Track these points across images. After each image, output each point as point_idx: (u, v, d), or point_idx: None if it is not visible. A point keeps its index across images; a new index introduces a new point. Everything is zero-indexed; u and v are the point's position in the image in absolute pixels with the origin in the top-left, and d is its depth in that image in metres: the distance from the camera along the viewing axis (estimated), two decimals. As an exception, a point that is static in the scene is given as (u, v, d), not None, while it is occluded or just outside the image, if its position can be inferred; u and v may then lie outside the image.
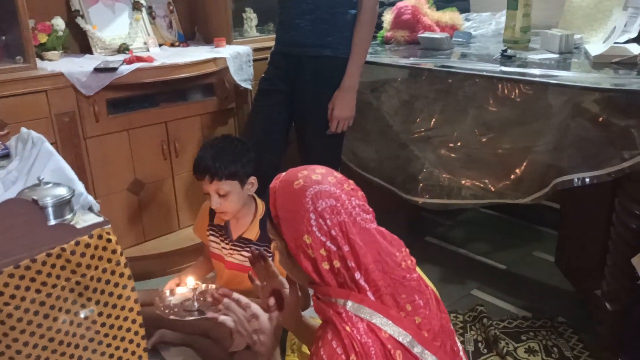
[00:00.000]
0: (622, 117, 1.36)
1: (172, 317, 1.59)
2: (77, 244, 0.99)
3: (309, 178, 1.13)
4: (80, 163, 2.11)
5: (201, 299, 1.63)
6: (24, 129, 1.27)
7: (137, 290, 1.87)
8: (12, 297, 0.95)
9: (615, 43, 1.75)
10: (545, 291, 2.09)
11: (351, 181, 1.22)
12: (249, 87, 2.48)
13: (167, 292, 1.69)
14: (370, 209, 1.21)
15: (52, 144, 1.98)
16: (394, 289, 1.08)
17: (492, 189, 1.65)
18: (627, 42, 1.94)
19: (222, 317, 1.19)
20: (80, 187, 1.07)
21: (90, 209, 1.07)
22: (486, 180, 1.66)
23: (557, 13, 2.39)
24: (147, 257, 2.33)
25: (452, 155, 1.73)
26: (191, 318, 1.59)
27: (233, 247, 1.78)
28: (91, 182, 2.18)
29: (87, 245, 1.00)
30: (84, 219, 1.04)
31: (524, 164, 1.56)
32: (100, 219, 1.04)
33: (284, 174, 1.22)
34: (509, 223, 2.70)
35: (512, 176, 1.60)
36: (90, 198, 1.07)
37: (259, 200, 1.79)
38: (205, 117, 2.45)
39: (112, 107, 2.15)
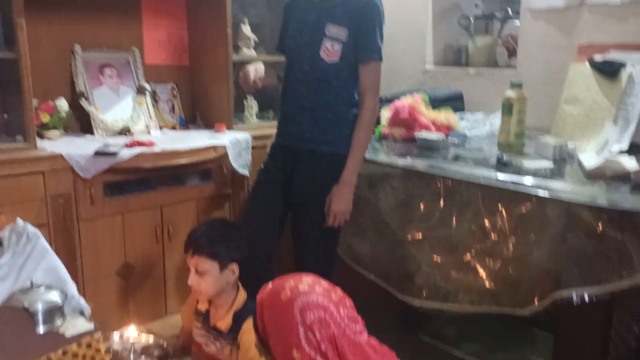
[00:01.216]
0: (618, 233, 1.37)
1: None
2: (65, 353, 0.94)
3: (296, 289, 1.11)
4: (70, 246, 2.07)
5: (141, 354, 1.56)
6: (20, 221, 1.24)
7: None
8: (-11, 411, 0.89)
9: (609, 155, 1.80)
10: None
11: (338, 288, 1.20)
12: (247, 173, 2.50)
13: (115, 336, 1.59)
14: (360, 318, 1.19)
15: (44, 225, 1.99)
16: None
17: (489, 297, 1.63)
18: (618, 153, 2.01)
19: None
20: (72, 289, 1.03)
21: (82, 313, 1.03)
22: (483, 288, 1.64)
23: (548, 115, 2.49)
24: (129, 345, 2.23)
25: (449, 258, 1.72)
26: None
27: (207, 336, 1.73)
28: (80, 265, 2.12)
29: (75, 355, 0.95)
30: (74, 324, 1.00)
31: (522, 274, 1.55)
32: (91, 325, 0.99)
33: (270, 284, 1.20)
34: (505, 322, 2.64)
35: (510, 286, 1.58)
36: (82, 301, 1.03)
37: (241, 291, 1.75)
38: (201, 201, 2.44)
39: (109, 190, 2.14)
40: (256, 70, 2.73)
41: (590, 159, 1.83)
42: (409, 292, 1.84)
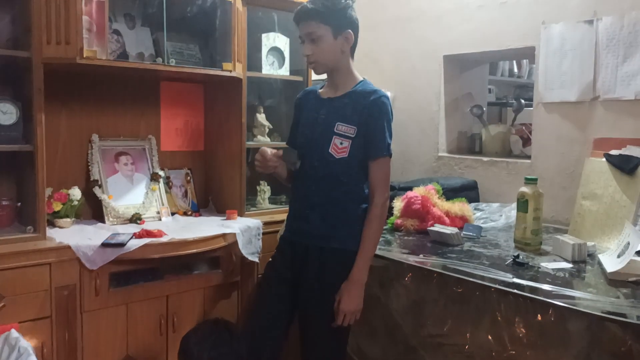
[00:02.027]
0: (647, 355, 1.27)
1: None
2: None
3: None
4: (72, 339, 2.02)
5: None
6: (14, 332, 1.20)
7: None
8: None
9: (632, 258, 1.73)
10: None
11: None
12: (257, 260, 2.45)
13: None
14: None
15: (46, 318, 1.95)
16: None
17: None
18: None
19: None
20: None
21: None
22: (502, 403, 1.53)
23: (564, 209, 2.44)
24: None
25: (465, 367, 1.62)
26: None
27: None
28: (81, 358, 2.05)
29: None
30: None
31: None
32: None
33: None
34: None
35: (531, 403, 1.47)
36: None
37: None
38: (209, 290, 2.38)
39: (115, 281, 2.10)
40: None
41: (611, 261, 1.76)
42: (422, 402, 1.72)
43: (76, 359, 2.04)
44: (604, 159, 2.19)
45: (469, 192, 2.66)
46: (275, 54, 2.80)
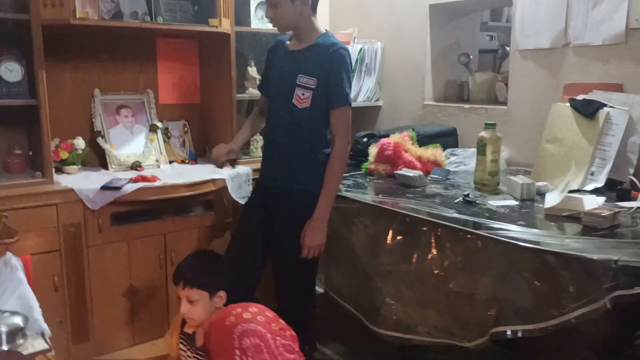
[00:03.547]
0: (552, 276, 1.44)
1: None
2: (21, 368, 1.13)
3: (240, 316, 1.26)
4: (80, 270, 2.31)
5: None
6: (8, 254, 1.46)
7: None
8: (-43, 413, 1.09)
9: (569, 193, 1.86)
10: None
11: (281, 321, 1.33)
12: (247, 203, 2.68)
13: None
14: (296, 349, 1.31)
15: (56, 251, 2.24)
16: None
17: (443, 329, 1.71)
18: (593, 191, 2.05)
19: None
20: (37, 314, 1.23)
21: (43, 335, 1.22)
22: (437, 320, 1.73)
23: (535, 154, 2.54)
24: (133, 362, 2.44)
25: (409, 291, 1.82)
26: None
27: (195, 356, 1.88)
28: (89, 287, 2.35)
29: (30, 370, 1.14)
30: (33, 345, 1.19)
31: (468, 309, 1.62)
32: (47, 346, 1.18)
33: (221, 310, 1.36)
34: (501, 355, 2.64)
35: (459, 319, 1.66)
36: (44, 326, 1.22)
37: None
38: (203, 230, 2.64)
39: (115, 220, 2.37)
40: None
41: (552, 198, 1.89)
42: (376, 323, 1.94)
43: (84, 287, 2.34)
44: (568, 104, 2.28)
45: (447, 138, 2.78)
46: (264, 8, 2.91)
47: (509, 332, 1.49)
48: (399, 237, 1.87)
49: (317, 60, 1.96)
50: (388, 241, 1.89)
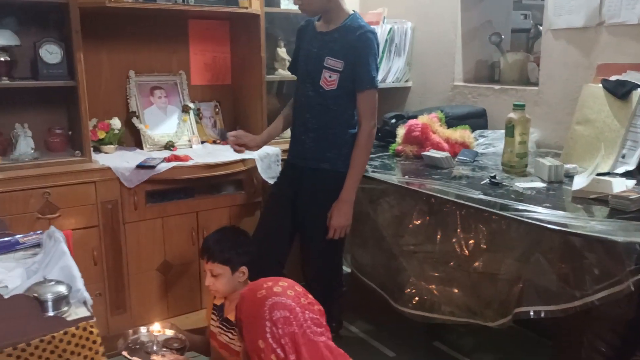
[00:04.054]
0: (576, 258, 1.44)
1: (123, 353, 1.76)
2: (65, 333, 1.22)
3: (270, 289, 1.31)
4: (117, 245, 2.42)
5: (162, 347, 1.80)
6: (52, 227, 1.56)
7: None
8: (9, 372, 1.19)
9: (597, 176, 1.84)
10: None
11: (310, 295, 1.38)
12: (276, 183, 2.74)
13: (145, 329, 1.87)
14: (324, 323, 1.36)
15: (95, 227, 2.35)
16: (331, 400, 1.21)
17: (466, 308, 1.74)
18: (624, 174, 2.02)
19: None
20: (79, 284, 1.31)
21: (85, 303, 1.30)
22: (461, 300, 1.76)
23: (566, 136, 2.51)
24: (167, 333, 2.55)
25: (433, 271, 1.85)
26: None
27: (220, 326, 1.97)
28: (125, 262, 2.47)
29: (73, 335, 1.22)
30: (76, 312, 1.27)
31: (492, 289, 1.65)
32: (89, 313, 1.27)
33: (253, 283, 1.42)
34: (525, 336, 2.66)
35: (482, 299, 1.69)
36: (86, 294, 1.30)
37: None
38: (234, 208, 2.72)
39: (150, 198, 2.47)
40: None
41: (580, 180, 1.88)
42: (400, 302, 1.98)
43: (121, 261, 2.45)
44: (601, 85, 2.23)
45: (477, 119, 2.77)
46: (293, -10, 2.93)
47: (532, 313, 1.51)
48: (424, 218, 1.89)
49: (345, 43, 1.98)
50: (413, 221, 1.92)
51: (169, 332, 1.94)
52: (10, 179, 2.17)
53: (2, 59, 2.25)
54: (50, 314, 1.23)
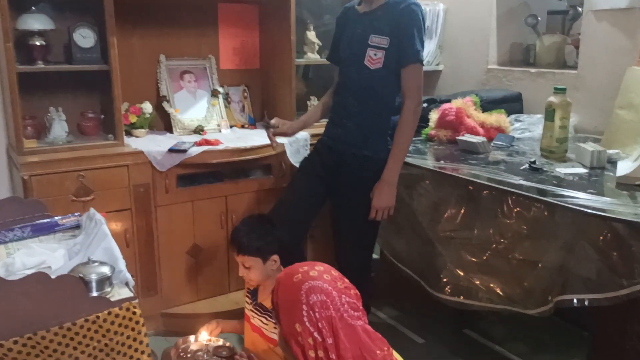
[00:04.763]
0: (623, 246, 1.40)
1: None
2: (109, 313, 1.23)
3: (306, 274, 1.30)
4: (149, 227, 2.44)
5: (213, 355, 1.81)
6: (92, 209, 1.57)
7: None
8: (55, 351, 1.20)
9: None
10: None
11: (346, 280, 1.37)
12: (305, 168, 2.72)
13: (192, 338, 1.90)
14: (361, 307, 1.35)
15: (127, 209, 2.37)
16: (368, 383, 1.20)
17: (504, 296, 1.71)
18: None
19: None
20: (122, 265, 1.32)
21: (127, 284, 1.31)
22: (499, 287, 1.72)
23: (608, 120, 2.43)
24: (198, 316, 2.57)
25: (471, 257, 1.82)
26: None
27: (253, 310, 1.97)
28: (157, 244, 2.48)
29: (117, 315, 1.23)
30: (119, 293, 1.28)
31: (532, 277, 1.61)
32: (131, 294, 1.27)
33: (289, 267, 1.41)
34: (556, 325, 2.62)
35: (522, 287, 1.65)
36: (128, 275, 1.31)
37: None
38: (262, 193, 2.71)
39: (181, 181, 2.47)
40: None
41: (625, 166, 1.82)
42: (437, 288, 1.96)
43: (153, 243, 2.47)
44: (646, 68, 2.16)
45: (512, 104, 2.70)
46: (325, -28, 2.89)
47: (575, 301, 1.47)
48: (462, 204, 1.86)
49: (390, 18, 1.92)
50: (450, 207, 1.89)
51: (217, 341, 1.94)
52: (46, 162, 2.19)
53: (38, 43, 2.26)
54: (94, 294, 1.24)
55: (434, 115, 2.49)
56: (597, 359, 1.79)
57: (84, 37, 2.33)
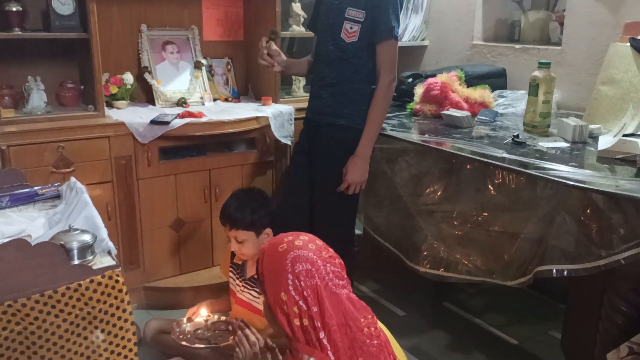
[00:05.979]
0: (602, 217, 1.42)
1: (183, 343, 1.79)
2: (92, 281, 1.21)
3: (292, 243, 1.30)
4: (131, 201, 2.41)
5: (214, 330, 1.83)
6: (73, 179, 1.54)
7: (165, 319, 2.12)
8: (36, 318, 1.19)
9: (624, 136, 1.81)
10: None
11: (330, 249, 1.38)
12: (289, 142, 2.70)
13: (185, 320, 1.91)
14: (345, 276, 1.36)
15: (108, 182, 2.33)
16: (352, 352, 1.21)
17: (484, 268, 1.74)
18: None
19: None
20: (104, 234, 1.30)
21: (109, 253, 1.30)
22: (479, 259, 1.75)
23: (590, 96, 2.45)
24: (180, 289, 2.57)
25: (451, 230, 1.84)
26: (201, 346, 1.78)
27: (244, 285, 1.97)
28: (139, 217, 2.46)
29: (99, 284, 1.22)
30: (101, 261, 1.27)
31: (512, 249, 1.64)
32: (114, 262, 1.26)
33: (274, 237, 1.41)
34: (533, 298, 2.69)
35: (502, 259, 1.68)
36: (110, 244, 1.30)
37: None
38: (246, 167, 2.69)
39: (164, 154, 2.44)
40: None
41: (606, 140, 1.84)
42: (416, 261, 1.98)
43: (135, 217, 2.45)
44: (628, 44, 2.17)
45: (496, 79, 2.71)
46: (310, -58, 2.83)
47: (554, 271, 1.50)
48: (444, 177, 1.87)
49: None
50: (433, 181, 1.90)
51: (215, 317, 1.94)
52: (24, 132, 2.14)
53: (14, 9, 2.19)
54: (76, 262, 1.22)
55: (419, 90, 2.48)
56: (572, 328, 1.83)
57: (63, 4, 2.26)
